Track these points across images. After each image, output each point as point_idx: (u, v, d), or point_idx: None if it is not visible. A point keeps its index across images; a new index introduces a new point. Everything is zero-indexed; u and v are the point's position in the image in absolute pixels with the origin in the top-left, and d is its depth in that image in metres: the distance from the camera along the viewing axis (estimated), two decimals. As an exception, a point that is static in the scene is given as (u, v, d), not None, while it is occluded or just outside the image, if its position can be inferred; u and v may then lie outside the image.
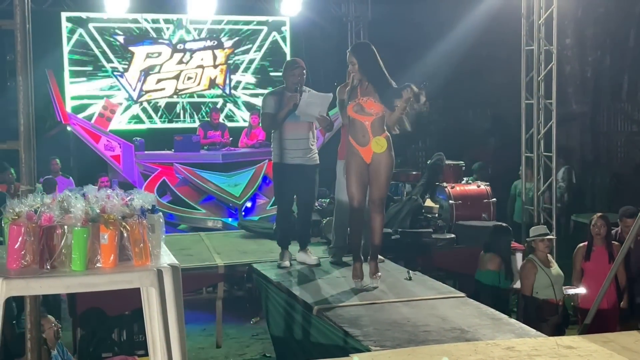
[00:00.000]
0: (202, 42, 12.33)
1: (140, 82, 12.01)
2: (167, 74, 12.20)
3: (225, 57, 12.50)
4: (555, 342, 3.78)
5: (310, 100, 5.73)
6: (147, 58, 12.04)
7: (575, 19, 12.19)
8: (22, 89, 3.62)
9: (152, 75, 12.09)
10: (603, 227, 6.34)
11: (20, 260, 2.82)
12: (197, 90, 12.37)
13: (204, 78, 12.40)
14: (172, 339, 2.88)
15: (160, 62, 12.10)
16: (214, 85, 12.49)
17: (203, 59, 12.36)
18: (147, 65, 12.04)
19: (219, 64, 12.49)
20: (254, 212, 10.11)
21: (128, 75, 11.95)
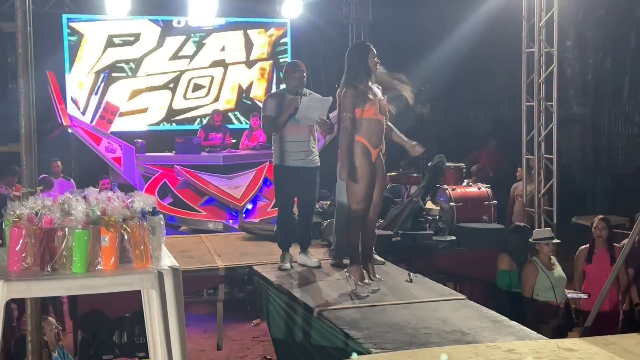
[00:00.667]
0: (203, 44, 12.31)
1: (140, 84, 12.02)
2: (168, 77, 12.20)
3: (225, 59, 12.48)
4: (556, 344, 3.77)
5: (310, 104, 5.73)
6: (148, 60, 12.02)
7: (576, 21, 12.20)
8: (23, 91, 3.62)
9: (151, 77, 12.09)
10: (604, 230, 6.34)
11: (21, 262, 2.83)
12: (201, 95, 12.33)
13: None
14: (172, 341, 2.88)
15: (161, 64, 12.06)
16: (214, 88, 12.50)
17: (205, 61, 12.33)
18: (148, 67, 12.00)
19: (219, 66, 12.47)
20: (254, 214, 10.10)
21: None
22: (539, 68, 8.94)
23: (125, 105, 11.84)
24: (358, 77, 5.19)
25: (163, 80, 12.10)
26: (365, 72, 5.20)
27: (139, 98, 12.01)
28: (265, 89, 12.43)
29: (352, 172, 5.13)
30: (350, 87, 5.19)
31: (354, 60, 5.26)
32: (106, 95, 11.75)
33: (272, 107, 5.95)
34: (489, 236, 7.15)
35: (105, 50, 11.79)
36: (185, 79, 12.21)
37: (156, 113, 12.10)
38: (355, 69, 5.22)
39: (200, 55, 12.22)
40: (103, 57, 11.82)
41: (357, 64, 5.23)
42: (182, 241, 7.48)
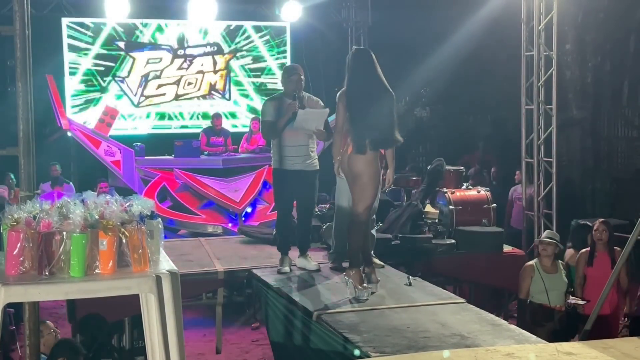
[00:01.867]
0: (202, 48, 12.36)
1: (141, 88, 12.04)
2: (168, 80, 12.24)
3: (225, 62, 12.52)
4: (555, 348, 3.77)
5: (306, 117, 5.77)
6: (148, 64, 12.07)
7: (575, 25, 12.20)
8: (22, 95, 3.62)
9: (152, 80, 12.12)
10: (605, 233, 6.34)
11: (18, 266, 2.82)
12: (197, 95, 12.40)
13: (204, 83, 12.44)
14: (170, 345, 2.88)
15: (161, 67, 12.13)
16: (214, 90, 12.51)
17: (203, 65, 12.40)
18: (148, 70, 12.07)
19: (219, 69, 12.51)
20: (254, 218, 10.09)
21: (129, 81, 11.98)
22: (538, 71, 8.95)
23: (153, 91, 12.17)
24: (359, 81, 5.27)
25: (173, 80, 12.33)
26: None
27: (161, 88, 12.31)
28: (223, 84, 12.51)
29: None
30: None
31: (358, 64, 5.31)
32: (147, 86, 12.04)
33: (271, 111, 5.95)
34: (488, 239, 7.15)
35: (145, 65, 12.14)
36: (183, 79, 12.40)
37: (170, 94, 12.33)
38: (358, 74, 5.28)
39: (191, 68, 12.42)
40: (145, 69, 12.14)
41: (359, 68, 5.28)
42: (181, 244, 7.48)
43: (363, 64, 5.24)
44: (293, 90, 5.89)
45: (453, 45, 12.62)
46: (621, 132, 12.80)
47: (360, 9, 12.70)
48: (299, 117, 5.73)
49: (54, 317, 8.06)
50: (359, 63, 5.25)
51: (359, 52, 5.44)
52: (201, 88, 12.50)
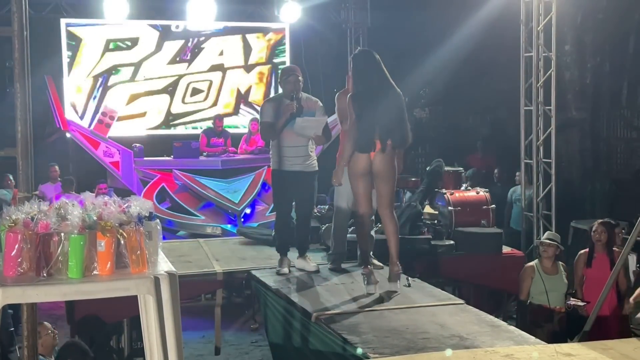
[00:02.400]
0: (221, 23, 12.22)
1: (93, 101, 11.80)
2: (150, 85, 12.06)
3: (268, 50, 12.41)
4: (554, 349, 3.77)
5: (304, 125, 5.80)
6: (109, 51, 11.76)
7: (575, 26, 12.20)
8: (20, 96, 3.61)
9: (116, 87, 11.92)
10: (603, 234, 6.34)
11: (16, 267, 2.81)
12: (210, 117, 12.21)
13: (227, 90, 12.28)
14: (169, 346, 2.87)
15: (137, 58, 11.84)
16: (247, 105, 12.42)
17: (224, 52, 12.22)
18: (108, 65, 11.77)
19: (258, 62, 12.37)
20: (253, 219, 10.10)
21: (67, 85, 11.78)
22: (538, 72, 8.94)
23: (123, 109, 11.71)
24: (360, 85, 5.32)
25: (162, 84, 11.98)
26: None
27: (138, 102, 11.88)
28: (263, 93, 12.40)
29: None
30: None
31: (362, 65, 5.35)
32: (104, 99, 11.67)
33: (270, 113, 5.95)
34: (487, 240, 7.14)
35: (103, 55, 11.69)
36: (183, 83, 12.11)
37: (154, 117, 12.00)
38: (361, 76, 5.33)
39: (198, 59, 12.14)
40: (101, 61, 11.71)
41: (363, 69, 5.33)
42: (180, 246, 7.47)
43: (368, 64, 5.26)
44: (291, 91, 5.89)
45: (452, 46, 12.62)
46: (620, 133, 12.80)
47: (360, 10, 12.69)
48: (297, 125, 5.78)
49: (52, 318, 8.05)
50: (364, 64, 5.26)
51: (363, 53, 5.44)
52: (219, 100, 12.40)
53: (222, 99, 12.30)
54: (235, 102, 12.35)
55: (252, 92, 12.45)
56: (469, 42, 12.34)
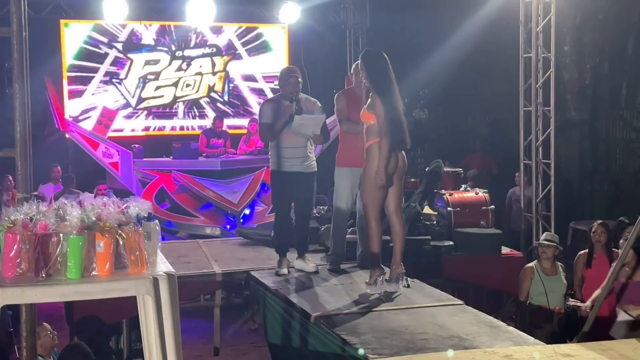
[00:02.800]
0: (201, 49, 12.36)
1: (139, 89, 12.03)
2: (166, 81, 12.23)
3: (223, 64, 12.52)
4: (553, 350, 3.77)
5: (302, 122, 5.79)
6: (146, 65, 12.06)
7: (574, 26, 12.21)
8: (19, 96, 3.61)
9: (150, 82, 12.11)
10: (603, 235, 6.35)
11: (15, 268, 2.81)
12: (195, 97, 12.39)
13: (203, 85, 12.43)
14: (168, 347, 2.87)
15: (159, 69, 12.12)
16: (212, 92, 12.51)
17: (202, 66, 12.38)
18: (146, 72, 12.06)
19: (218, 71, 12.51)
20: (252, 220, 10.09)
21: (127, 82, 11.97)
22: (537, 73, 8.95)
23: (152, 92, 12.09)
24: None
25: (171, 81, 12.25)
26: None
27: (159, 90, 12.21)
28: (221, 86, 12.51)
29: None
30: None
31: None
32: (144, 89, 11.98)
33: (269, 114, 5.95)
34: (486, 241, 7.14)
35: (144, 67, 12.05)
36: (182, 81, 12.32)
37: (168, 97, 12.26)
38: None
39: (189, 69, 12.36)
40: (143, 70, 12.06)
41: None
42: (179, 246, 7.47)
43: (386, 63, 5.29)
44: (290, 92, 5.89)
45: (451, 47, 12.62)
46: (619, 133, 12.80)
47: (359, 11, 12.69)
48: (296, 123, 5.76)
49: (51, 319, 8.03)
50: (384, 62, 5.30)
51: (378, 52, 5.43)
52: (200, 90, 12.50)
53: (201, 89, 12.42)
54: (207, 91, 12.40)
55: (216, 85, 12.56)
56: (468, 43, 12.34)
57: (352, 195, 6.03)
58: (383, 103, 5.13)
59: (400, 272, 5.32)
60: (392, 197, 5.29)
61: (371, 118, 5.16)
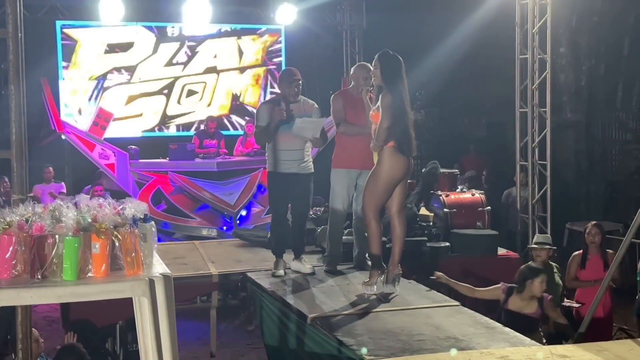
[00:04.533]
0: (216, 26, 12.19)
1: (91, 102, 11.82)
2: (147, 86, 12.08)
3: (263, 51, 12.45)
4: (549, 351, 3.78)
5: (303, 126, 5.79)
6: (107, 53, 11.77)
7: (570, 28, 12.23)
8: (15, 98, 3.60)
9: (113, 89, 11.93)
10: (597, 236, 6.37)
11: (11, 270, 2.81)
12: (203, 119, 12.22)
13: (221, 92, 12.31)
14: (164, 349, 2.86)
15: (135, 60, 11.86)
16: (239, 105, 12.44)
17: (217, 55, 12.25)
18: (106, 69, 11.81)
19: (253, 64, 12.42)
20: (248, 221, 10.09)
21: (63, 88, 11.75)
22: (533, 74, 8.97)
23: (121, 110, 11.75)
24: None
25: (158, 86, 12.01)
26: None
27: (134, 104, 11.93)
28: (258, 95, 12.41)
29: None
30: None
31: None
32: (101, 101, 11.67)
33: (265, 116, 5.94)
34: (483, 242, 7.15)
35: (100, 57, 11.71)
36: (179, 85, 12.14)
37: (151, 118, 12.03)
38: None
39: (193, 61, 12.16)
40: (99, 64, 11.73)
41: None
42: (175, 248, 7.46)
43: (400, 67, 5.37)
44: (290, 94, 5.89)
45: (448, 48, 12.64)
46: (615, 135, 12.83)
47: (355, 12, 12.71)
48: (296, 126, 5.77)
49: (47, 321, 8.04)
50: (397, 65, 5.37)
51: (396, 56, 5.45)
52: (214, 101, 12.37)
53: (216, 100, 12.32)
54: (230, 104, 12.36)
55: (248, 94, 12.47)
56: (464, 44, 12.36)
57: (348, 197, 6.03)
58: (393, 101, 5.15)
59: (397, 273, 5.32)
60: (397, 198, 5.30)
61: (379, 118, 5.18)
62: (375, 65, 5.31)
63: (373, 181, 5.23)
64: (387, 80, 5.22)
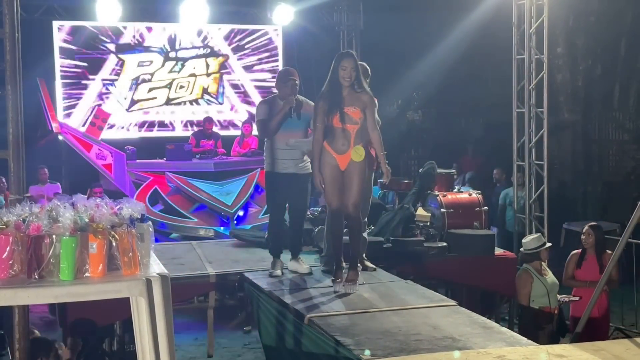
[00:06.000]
0: (195, 51, 12.35)
1: (131, 91, 12.01)
2: (159, 83, 12.21)
3: (218, 65, 12.51)
4: (546, 350, 3.78)
5: (297, 145, 5.87)
6: (139, 66, 12.04)
7: (566, 28, 12.25)
8: (11, 98, 3.60)
9: (143, 84, 12.09)
10: (590, 237, 6.42)
11: (8, 270, 2.80)
12: (189, 99, 12.38)
13: (197, 87, 12.42)
14: (161, 349, 2.86)
15: (152, 70, 12.11)
16: (207, 94, 12.51)
17: (195, 68, 12.38)
18: (139, 73, 12.04)
19: (212, 72, 12.50)
20: (246, 221, 10.08)
21: (119, 84, 11.95)
22: (530, 74, 8.97)
23: (144, 95, 12.09)
24: (327, 87, 5.33)
25: (164, 83, 12.27)
26: (333, 81, 5.29)
27: (152, 92, 12.22)
28: (216, 88, 12.57)
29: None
30: (319, 98, 5.37)
31: (330, 70, 5.32)
32: (137, 90, 11.98)
33: (265, 111, 5.96)
34: (479, 242, 7.16)
35: (137, 68, 12.07)
36: (175, 82, 12.34)
37: (161, 99, 12.27)
38: (328, 78, 5.33)
39: (183, 71, 12.36)
40: (135, 72, 12.06)
41: (330, 74, 5.32)
42: (172, 248, 7.46)
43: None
44: (288, 94, 5.90)
45: (445, 48, 12.66)
46: (612, 135, 12.86)
47: (352, 13, 12.71)
48: (290, 145, 5.89)
49: (45, 322, 8.03)
50: (332, 68, 5.37)
51: (336, 56, 5.48)
52: (193, 92, 12.49)
53: (195, 91, 12.45)
54: (201, 93, 12.42)
55: (210, 87, 12.59)
56: (461, 45, 12.38)
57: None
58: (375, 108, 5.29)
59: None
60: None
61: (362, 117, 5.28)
62: (345, 67, 5.32)
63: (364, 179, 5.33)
64: (357, 79, 5.32)
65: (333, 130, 5.28)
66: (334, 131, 5.27)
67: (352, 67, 5.25)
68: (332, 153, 5.30)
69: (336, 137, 5.27)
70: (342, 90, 5.27)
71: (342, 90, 5.27)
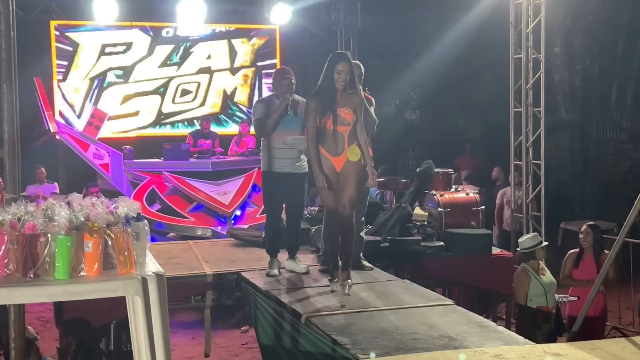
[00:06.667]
0: (210, 26, 12.21)
1: (89, 102, 11.82)
2: (142, 86, 12.08)
3: (252, 52, 12.48)
4: (542, 349, 3.78)
5: (294, 142, 5.84)
6: (105, 55, 11.83)
7: (564, 28, 12.26)
8: (7, 97, 3.60)
9: (112, 87, 11.92)
10: (588, 236, 6.42)
11: (3, 268, 2.79)
12: (199, 115, 12.24)
13: (214, 91, 12.36)
14: (156, 348, 2.85)
15: (130, 61, 11.91)
16: (233, 104, 12.48)
17: (210, 56, 12.29)
18: (104, 67, 11.83)
19: (242, 65, 12.47)
20: (243, 221, 10.07)
21: (65, 87, 11.74)
22: (527, 74, 8.98)
23: (117, 109, 11.84)
24: (320, 88, 5.30)
25: (153, 86, 12.07)
26: (326, 83, 5.26)
27: (130, 103, 11.99)
28: (248, 94, 12.48)
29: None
30: (311, 98, 5.33)
31: (324, 71, 5.31)
32: (100, 100, 11.72)
33: (262, 110, 5.96)
34: (477, 242, 7.15)
35: (99, 58, 11.77)
36: (173, 84, 12.18)
37: (146, 117, 12.09)
38: (322, 79, 5.30)
39: (187, 62, 12.23)
40: (97, 65, 11.79)
41: (323, 75, 5.30)
42: (170, 247, 7.45)
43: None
44: (284, 93, 5.89)
45: (442, 48, 12.66)
46: (609, 134, 12.88)
47: (350, 12, 12.70)
48: (288, 142, 5.87)
49: (41, 321, 8.02)
50: (326, 69, 5.33)
51: (330, 57, 5.45)
52: (207, 100, 12.37)
53: (209, 100, 12.35)
54: (222, 102, 12.39)
55: (237, 93, 12.52)
56: (458, 44, 12.39)
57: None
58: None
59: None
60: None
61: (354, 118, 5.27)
62: (339, 70, 5.30)
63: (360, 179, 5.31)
64: (352, 81, 5.31)
65: (326, 133, 5.24)
66: (326, 133, 5.24)
67: (347, 71, 5.22)
68: (326, 156, 5.28)
69: (330, 139, 5.24)
70: (336, 94, 5.25)
71: (336, 94, 5.25)
